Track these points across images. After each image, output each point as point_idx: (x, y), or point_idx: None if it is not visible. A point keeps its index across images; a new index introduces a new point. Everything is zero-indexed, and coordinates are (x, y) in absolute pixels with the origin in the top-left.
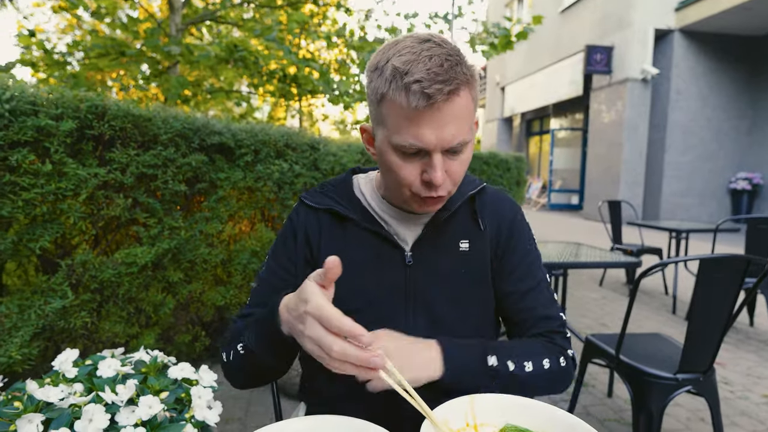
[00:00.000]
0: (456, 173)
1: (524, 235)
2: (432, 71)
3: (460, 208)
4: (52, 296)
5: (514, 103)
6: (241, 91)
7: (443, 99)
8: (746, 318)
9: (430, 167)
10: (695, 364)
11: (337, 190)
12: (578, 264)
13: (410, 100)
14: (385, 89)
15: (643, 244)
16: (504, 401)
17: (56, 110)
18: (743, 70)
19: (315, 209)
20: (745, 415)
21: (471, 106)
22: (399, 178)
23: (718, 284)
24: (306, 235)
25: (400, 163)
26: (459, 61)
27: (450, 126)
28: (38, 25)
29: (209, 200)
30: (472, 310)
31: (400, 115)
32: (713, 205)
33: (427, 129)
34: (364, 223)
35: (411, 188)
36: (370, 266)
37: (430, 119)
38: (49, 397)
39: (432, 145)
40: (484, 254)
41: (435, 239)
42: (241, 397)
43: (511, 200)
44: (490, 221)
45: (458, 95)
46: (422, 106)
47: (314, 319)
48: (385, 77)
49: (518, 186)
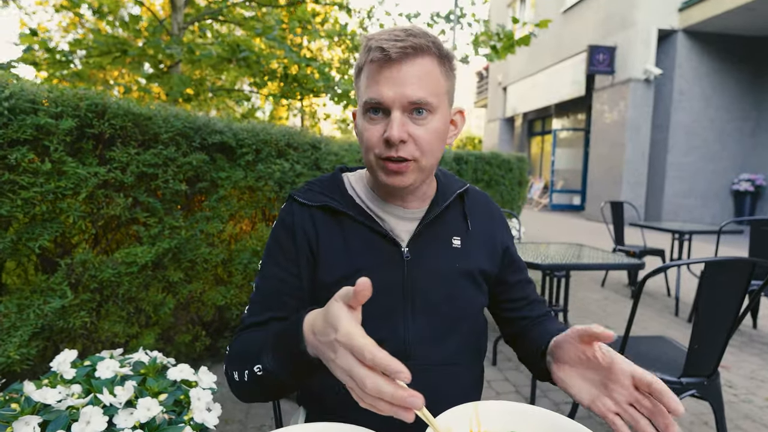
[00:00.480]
0: (423, 140)
1: (509, 231)
2: (393, 33)
3: (451, 206)
4: (51, 296)
5: (516, 103)
6: (243, 90)
7: (398, 54)
8: (750, 321)
9: (387, 125)
10: (700, 368)
11: (327, 187)
12: (580, 266)
13: (370, 56)
14: (361, 60)
15: (645, 246)
16: (508, 408)
17: (56, 108)
18: (747, 70)
19: (308, 206)
20: (749, 419)
21: (439, 77)
22: (366, 141)
23: (723, 287)
24: (305, 233)
25: (367, 126)
26: (422, 34)
27: (408, 83)
28: (41, 24)
29: (210, 200)
30: (466, 305)
31: (366, 76)
32: (716, 207)
33: (384, 85)
34: (359, 218)
35: (375, 150)
36: (368, 262)
37: (388, 75)
38: (47, 398)
39: (389, 99)
40: (476, 252)
41: (430, 235)
42: None
43: (492, 201)
44: (479, 223)
45: (418, 57)
46: (378, 58)
47: (345, 348)
48: (361, 50)
49: (520, 186)
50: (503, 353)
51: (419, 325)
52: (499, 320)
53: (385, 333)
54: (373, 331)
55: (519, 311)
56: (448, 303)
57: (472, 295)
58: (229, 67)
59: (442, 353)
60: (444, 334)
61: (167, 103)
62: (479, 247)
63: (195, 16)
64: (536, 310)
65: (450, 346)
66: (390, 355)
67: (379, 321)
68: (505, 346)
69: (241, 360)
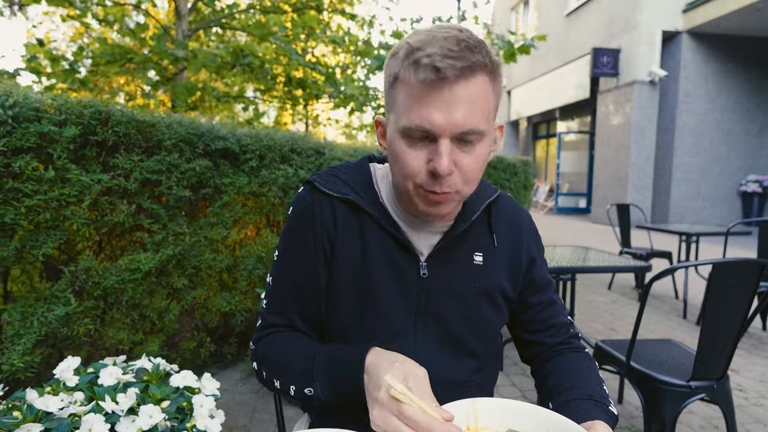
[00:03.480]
0: (468, 169)
1: (541, 246)
2: (446, 47)
3: (478, 218)
4: (55, 303)
5: (520, 106)
6: (248, 96)
7: (454, 75)
8: (759, 323)
9: (436, 154)
10: (709, 371)
11: (354, 177)
12: (587, 269)
13: (418, 74)
14: (398, 69)
15: (652, 248)
16: (505, 405)
17: (60, 116)
18: (753, 71)
19: (330, 197)
20: (760, 423)
21: (490, 95)
22: (404, 167)
23: (732, 289)
24: (326, 231)
25: (406, 150)
26: (478, 45)
27: (461, 108)
28: (48, 35)
29: (214, 206)
30: (481, 326)
31: (409, 94)
32: (723, 208)
33: (434, 109)
34: (382, 221)
35: (415, 179)
36: (384, 273)
37: (438, 98)
38: (49, 406)
39: (440, 127)
40: (498, 268)
41: (451, 252)
42: (246, 404)
43: (524, 211)
44: (506, 236)
45: (473, 77)
46: (430, 79)
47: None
48: (399, 57)
49: (525, 189)
50: (510, 358)
51: (431, 346)
52: (516, 340)
53: (394, 350)
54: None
55: (537, 335)
56: (463, 324)
57: (490, 316)
58: (232, 72)
59: (455, 374)
60: (458, 356)
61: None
62: (503, 264)
63: (199, 24)
64: (556, 337)
65: (464, 368)
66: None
67: (388, 339)
68: (513, 350)
69: (282, 371)
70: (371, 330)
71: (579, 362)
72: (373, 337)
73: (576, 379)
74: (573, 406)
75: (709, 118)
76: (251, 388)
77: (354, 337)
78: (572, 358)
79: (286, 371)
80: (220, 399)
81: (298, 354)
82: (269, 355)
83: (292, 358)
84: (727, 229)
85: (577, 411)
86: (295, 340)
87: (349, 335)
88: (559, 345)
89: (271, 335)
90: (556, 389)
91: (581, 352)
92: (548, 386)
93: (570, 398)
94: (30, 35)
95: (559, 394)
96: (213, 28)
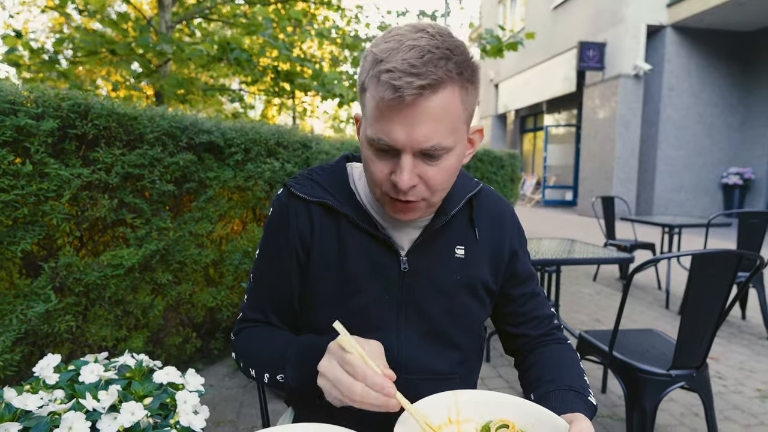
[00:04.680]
0: (434, 181)
1: (523, 238)
2: (407, 62)
3: (459, 211)
4: (35, 300)
5: (507, 99)
6: (234, 89)
7: (412, 94)
8: (739, 312)
9: (398, 168)
10: (688, 360)
11: (329, 179)
12: (571, 260)
13: (379, 91)
14: (365, 77)
15: (636, 240)
16: (486, 397)
17: (37, 109)
18: (735, 65)
19: (305, 201)
20: (738, 409)
21: (457, 108)
22: (371, 175)
23: (710, 280)
24: (300, 236)
25: (373, 159)
26: (447, 56)
27: (422, 126)
28: (25, 26)
29: (198, 200)
30: (464, 319)
31: (373, 106)
32: (706, 200)
33: (396, 125)
34: (359, 221)
35: (381, 187)
36: (363, 270)
37: (399, 115)
38: (27, 405)
39: (400, 144)
40: (480, 261)
41: (431, 245)
42: (233, 398)
43: (506, 203)
44: (488, 229)
45: (435, 93)
46: (388, 98)
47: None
48: (366, 66)
49: (512, 183)
50: (497, 349)
51: (413, 339)
52: (500, 333)
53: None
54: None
55: (520, 327)
56: (445, 317)
57: (472, 308)
58: (219, 66)
59: (437, 367)
60: (440, 348)
61: (159, 104)
62: (485, 257)
63: (183, 15)
64: (539, 328)
65: (446, 360)
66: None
67: (370, 333)
68: (498, 342)
69: (257, 360)
70: (354, 325)
71: (561, 354)
72: (354, 332)
73: (558, 371)
74: (553, 397)
75: (692, 111)
76: (238, 383)
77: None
78: (555, 350)
79: (261, 360)
80: (206, 394)
81: (273, 343)
82: (246, 346)
83: (266, 347)
84: (708, 220)
85: (558, 401)
86: (271, 333)
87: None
88: (542, 337)
89: (249, 329)
90: (539, 381)
91: (563, 344)
92: (531, 378)
93: (551, 389)
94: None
95: (540, 386)
96: (197, 20)
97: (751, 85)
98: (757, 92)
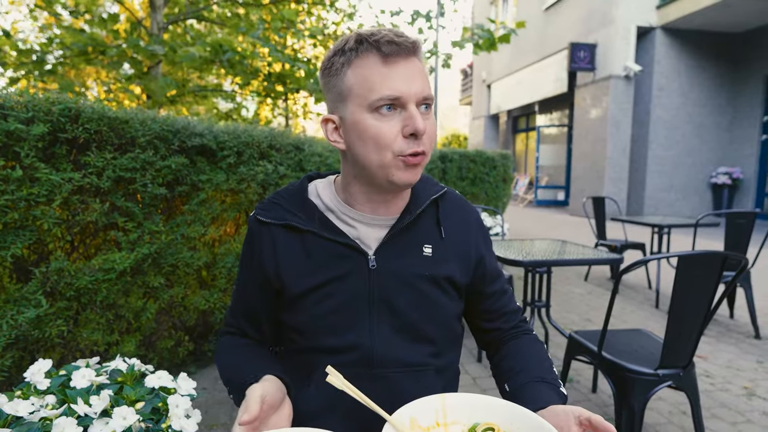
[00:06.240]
0: (431, 131)
1: (488, 240)
2: (392, 32)
3: (426, 212)
4: (25, 305)
5: (500, 100)
6: (226, 90)
7: (408, 49)
8: (727, 311)
9: (410, 118)
10: (675, 360)
11: (291, 200)
12: (561, 261)
13: (383, 49)
14: (352, 57)
15: (626, 240)
16: (474, 400)
17: (27, 113)
18: (723, 66)
19: (268, 224)
20: (726, 407)
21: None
22: (380, 139)
23: (697, 280)
24: (264, 257)
25: (379, 124)
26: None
27: (417, 79)
28: (14, 25)
29: (191, 203)
30: (434, 312)
31: (373, 72)
32: (695, 200)
33: (399, 80)
34: (323, 232)
35: (393, 148)
36: (334, 273)
37: (401, 69)
38: (19, 410)
39: (407, 94)
40: (447, 259)
41: (399, 243)
42: (226, 401)
43: (472, 207)
44: (454, 230)
45: (417, 53)
46: (394, 52)
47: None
48: (349, 49)
49: (505, 183)
50: (465, 346)
51: (386, 334)
52: (472, 328)
53: (351, 341)
54: (339, 340)
55: (493, 322)
56: (416, 310)
57: (442, 302)
58: (212, 68)
59: (411, 359)
60: (413, 341)
61: (149, 106)
62: (451, 255)
63: (175, 16)
64: (510, 322)
65: (420, 353)
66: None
67: (345, 329)
68: (467, 338)
69: (223, 374)
70: (329, 325)
71: (530, 346)
72: (330, 331)
73: (528, 363)
74: (528, 389)
75: (681, 112)
76: None
77: (314, 332)
78: (524, 342)
79: (224, 376)
80: (199, 397)
81: (232, 362)
82: (219, 356)
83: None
84: (696, 221)
85: (533, 392)
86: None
87: (308, 333)
88: (512, 329)
89: (225, 336)
90: (510, 372)
91: (531, 335)
92: (503, 369)
93: (526, 380)
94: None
95: (512, 377)
96: (189, 21)
97: (739, 86)
98: (745, 92)
